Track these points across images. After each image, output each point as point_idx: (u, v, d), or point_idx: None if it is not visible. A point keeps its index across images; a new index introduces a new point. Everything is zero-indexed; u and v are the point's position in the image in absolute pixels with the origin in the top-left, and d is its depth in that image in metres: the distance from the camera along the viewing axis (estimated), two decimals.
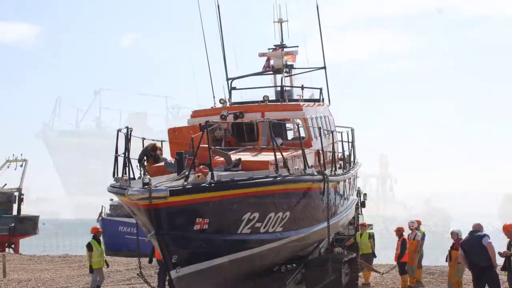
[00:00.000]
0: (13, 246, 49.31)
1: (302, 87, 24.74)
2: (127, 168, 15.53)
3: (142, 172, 17.51)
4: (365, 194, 33.16)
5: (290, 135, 23.60)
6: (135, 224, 15.85)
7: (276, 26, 26.36)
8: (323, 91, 25.01)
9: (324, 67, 25.99)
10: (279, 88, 23.84)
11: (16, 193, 50.17)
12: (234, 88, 24.68)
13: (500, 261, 16.91)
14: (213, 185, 13.65)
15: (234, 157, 16.36)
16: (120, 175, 15.61)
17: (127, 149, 15.48)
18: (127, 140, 15.53)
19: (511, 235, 16.61)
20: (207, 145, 14.36)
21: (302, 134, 20.59)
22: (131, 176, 15.63)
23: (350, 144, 24.98)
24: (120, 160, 15.83)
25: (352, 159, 25.20)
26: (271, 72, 25.61)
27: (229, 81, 25.03)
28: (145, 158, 17.99)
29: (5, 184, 50.94)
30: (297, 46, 26.20)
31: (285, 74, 25.34)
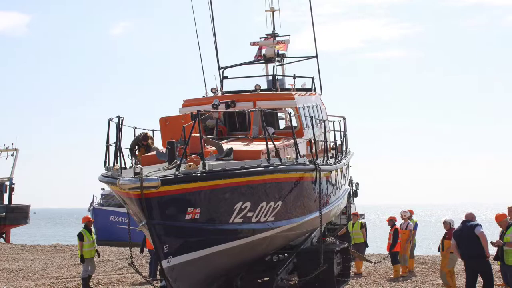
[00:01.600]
0: (4, 235, 49.29)
1: (294, 76, 24.64)
2: (118, 158, 15.46)
3: (134, 162, 17.41)
4: (357, 184, 33.24)
5: (282, 124, 23.54)
6: (126, 214, 15.76)
7: (268, 15, 26.26)
8: (315, 80, 24.94)
9: (316, 56, 25.86)
10: (271, 77, 23.74)
11: (7, 183, 50.09)
12: (226, 77, 24.57)
13: (492, 250, 16.89)
14: (204, 174, 13.57)
15: (225, 146, 16.27)
16: (111, 164, 15.55)
17: (118, 138, 15.40)
18: (119, 129, 15.44)
19: (504, 224, 16.59)
20: (198, 135, 14.27)
21: (294, 123, 20.52)
22: (123, 165, 15.57)
23: (342, 133, 24.92)
24: (112, 149, 15.77)
25: (344, 148, 25.15)
26: (263, 61, 25.49)
27: (221, 70, 24.93)
28: (136, 147, 17.90)
29: None
30: (289, 35, 26.10)
31: (277, 63, 25.25)
